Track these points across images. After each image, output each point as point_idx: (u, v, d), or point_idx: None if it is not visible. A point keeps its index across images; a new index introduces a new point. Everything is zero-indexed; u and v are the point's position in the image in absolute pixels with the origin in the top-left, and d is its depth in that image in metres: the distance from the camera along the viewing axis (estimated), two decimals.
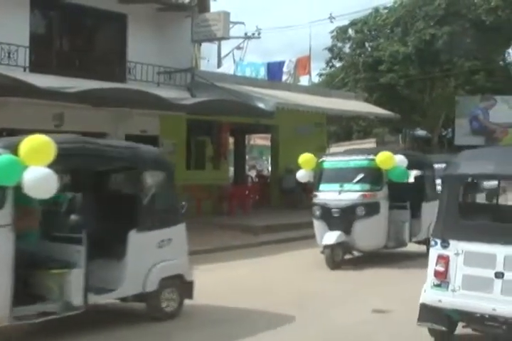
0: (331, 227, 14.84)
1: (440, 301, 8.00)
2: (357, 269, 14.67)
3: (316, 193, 15.46)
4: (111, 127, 20.00)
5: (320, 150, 26.70)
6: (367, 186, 14.95)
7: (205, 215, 21.79)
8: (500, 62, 47.52)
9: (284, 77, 32.46)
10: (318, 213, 15.20)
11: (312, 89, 31.53)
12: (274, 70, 32.71)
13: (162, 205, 10.02)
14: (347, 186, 15.00)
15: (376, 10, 43.85)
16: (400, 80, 40.75)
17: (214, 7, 25.08)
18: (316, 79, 51.87)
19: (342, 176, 15.33)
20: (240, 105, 20.81)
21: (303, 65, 33.82)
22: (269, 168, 33.88)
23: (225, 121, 24.19)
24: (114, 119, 19.85)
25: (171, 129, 21.96)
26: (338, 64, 47.97)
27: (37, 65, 18.71)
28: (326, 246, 14.63)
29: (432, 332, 8.41)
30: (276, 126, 26.73)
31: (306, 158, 16.11)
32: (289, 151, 24.14)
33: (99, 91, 16.77)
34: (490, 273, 7.67)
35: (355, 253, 15.84)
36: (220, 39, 26.33)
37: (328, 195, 15.12)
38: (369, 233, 14.80)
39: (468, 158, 8.63)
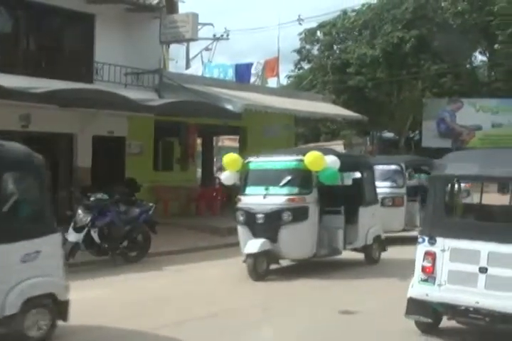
0: (256, 234, 13.55)
1: (427, 295, 8.52)
2: (283, 280, 13.43)
3: (240, 197, 14.17)
4: (78, 128, 19.90)
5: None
6: (294, 189, 13.69)
7: (172, 217, 21.75)
8: (467, 66, 47.98)
9: (252, 79, 32.47)
10: (241, 219, 13.85)
11: (280, 91, 31.60)
12: (243, 72, 32.70)
13: (29, 213, 8.67)
14: (273, 189, 13.73)
15: (344, 12, 44.09)
16: (367, 83, 41.00)
17: (182, 8, 25.09)
18: (284, 81, 52.09)
19: (268, 178, 14.07)
20: (208, 106, 20.81)
21: (271, 66, 33.85)
22: None
23: (193, 123, 24.14)
24: (81, 120, 19.74)
25: (138, 130, 21.90)
26: (306, 66, 48.27)
27: (3, 65, 18.54)
28: (248, 255, 13.29)
29: (418, 324, 8.95)
30: (244, 128, 26.75)
31: (230, 159, 14.85)
32: (257, 153, 24.15)
33: (66, 92, 16.70)
34: (474, 269, 8.17)
35: (285, 262, 14.47)
36: (188, 40, 26.26)
37: (253, 199, 13.83)
38: (296, 241, 13.54)
39: (453, 159, 9.25)
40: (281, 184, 13.75)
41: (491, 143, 39.43)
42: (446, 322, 8.90)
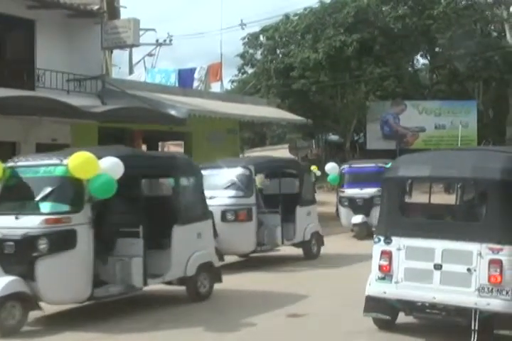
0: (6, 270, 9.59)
1: (385, 292, 8.82)
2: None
3: None
4: (21, 136, 19.60)
5: (233, 157, 26.76)
6: (56, 206, 9.83)
7: None
8: (409, 69, 48.58)
9: (196, 84, 32.39)
10: None
11: (225, 96, 31.57)
12: (185, 77, 32.59)
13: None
14: (28, 206, 10.08)
15: (287, 17, 44.23)
16: (311, 86, 41.18)
17: (124, 14, 24.93)
18: (228, 86, 52.07)
19: (23, 191, 10.41)
20: (152, 112, 20.70)
21: (214, 71, 33.79)
22: None
23: (138, 129, 23.97)
24: (24, 128, 19.45)
25: (82, 137, 21.61)
26: (250, 70, 48.31)
27: None
28: None
29: (376, 321, 9.23)
30: (189, 133, 26.63)
31: None
32: (202, 158, 24.05)
33: (7, 99, 16.42)
34: (429, 266, 8.52)
35: None
36: (130, 46, 26.07)
37: (3, 220, 9.89)
38: (59, 279, 9.65)
39: (406, 161, 9.63)
40: (37, 199, 9.95)
41: (435, 145, 39.93)
42: (402, 318, 9.17)
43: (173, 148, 45.84)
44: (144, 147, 28.31)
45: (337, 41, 39.92)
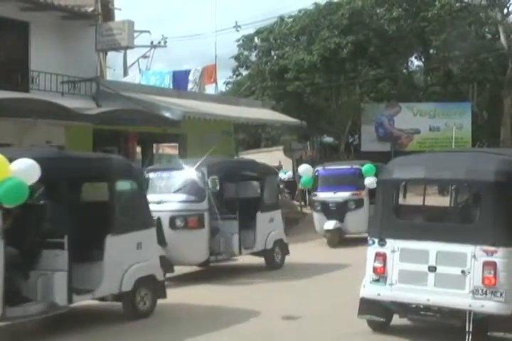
0: None
1: (379, 295, 8.88)
2: None
3: None
4: (15, 138, 19.53)
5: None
6: None
7: None
8: (404, 71, 48.59)
9: (190, 86, 32.35)
10: None
11: (220, 98, 31.55)
12: (180, 79, 32.56)
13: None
14: None
15: (281, 19, 44.18)
16: (306, 88, 41.15)
17: (119, 16, 24.91)
18: (222, 88, 51.99)
19: None
20: (146, 115, 20.70)
21: (209, 73, 33.75)
22: None
23: (132, 131, 23.95)
24: (18, 130, 19.40)
25: (76, 139, 21.58)
26: (244, 72, 48.19)
27: None
28: None
29: (370, 323, 9.29)
30: (184, 135, 26.61)
31: None
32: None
33: (1, 102, 16.40)
34: (424, 268, 8.58)
35: None
36: (124, 48, 26.05)
37: None
38: None
39: (400, 164, 9.64)
40: None
41: (429, 147, 39.90)
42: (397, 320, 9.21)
43: (168, 150, 45.85)
44: (138, 149, 28.32)
45: (332, 43, 39.89)
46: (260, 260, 15.62)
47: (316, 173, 20.90)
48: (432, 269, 8.50)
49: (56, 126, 20.32)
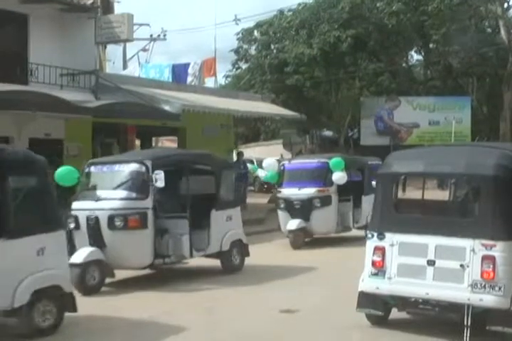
0: None
1: (378, 288, 8.87)
2: None
3: None
4: (14, 131, 19.54)
5: (227, 152, 26.78)
6: None
7: None
8: (404, 64, 48.57)
9: (189, 79, 32.35)
10: None
11: (219, 91, 31.54)
12: (180, 72, 32.57)
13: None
14: None
15: (281, 12, 44.21)
16: (305, 82, 41.15)
17: (118, 9, 24.87)
18: (222, 81, 51.99)
19: None
20: (146, 108, 20.67)
21: (208, 66, 33.75)
22: None
23: (131, 124, 23.94)
24: (17, 123, 19.39)
25: (76, 132, 21.60)
26: (244, 66, 48.22)
27: None
28: None
29: (369, 317, 9.25)
30: (183, 128, 26.61)
31: None
32: None
33: (0, 94, 16.37)
34: (422, 261, 8.57)
35: None
36: (124, 41, 26.04)
37: None
38: None
39: (399, 157, 9.62)
40: None
41: (429, 141, 39.93)
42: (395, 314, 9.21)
43: (167, 143, 45.88)
44: (137, 142, 28.32)
45: (331, 37, 39.91)
46: (217, 263, 13.98)
47: (282, 168, 18.96)
48: (431, 263, 8.50)
49: (55, 118, 20.31)
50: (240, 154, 27.61)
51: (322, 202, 17.95)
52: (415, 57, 50.74)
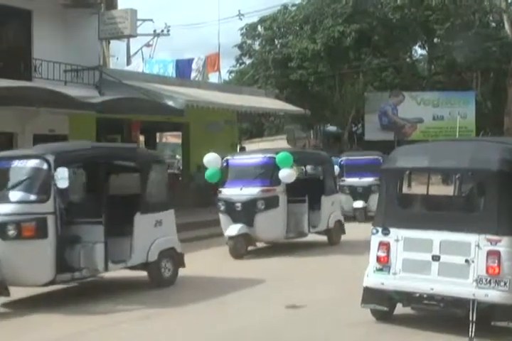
0: None
1: (382, 284, 8.84)
2: None
3: None
4: (18, 127, 19.58)
5: (231, 148, 26.75)
6: None
7: None
8: (408, 59, 48.49)
9: (193, 75, 32.33)
10: None
11: (223, 87, 31.53)
12: (183, 67, 32.56)
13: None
14: None
15: (285, 7, 44.15)
16: (309, 77, 41.12)
17: (121, 4, 24.79)
18: (226, 77, 51.97)
19: None
20: (149, 103, 20.66)
21: (212, 62, 33.73)
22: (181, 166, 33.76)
23: (135, 119, 23.96)
24: (21, 119, 19.43)
25: (80, 128, 21.60)
26: (248, 61, 48.21)
27: None
28: None
29: (374, 312, 9.20)
30: (187, 124, 26.62)
31: None
32: (200, 149, 24.09)
33: (3, 90, 16.38)
34: (427, 257, 8.55)
35: None
36: (127, 37, 26.05)
37: None
38: None
39: (404, 153, 9.60)
40: None
41: (433, 136, 39.90)
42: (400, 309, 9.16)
43: (172, 138, 45.89)
44: (141, 138, 28.33)
45: (335, 32, 39.88)
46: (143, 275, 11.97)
47: (225, 164, 16.53)
48: (436, 258, 8.48)
49: (59, 114, 20.32)
50: (242, 150, 27.60)
51: (267, 204, 15.44)
52: (419, 52, 50.76)
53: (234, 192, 15.70)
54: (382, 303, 9.00)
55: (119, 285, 11.98)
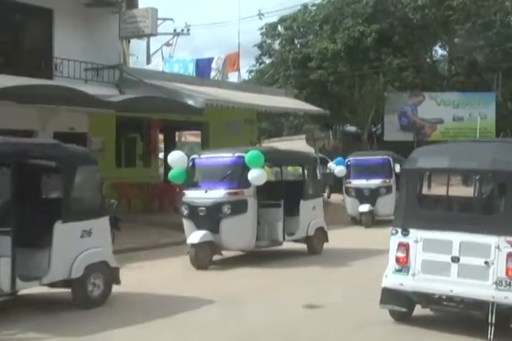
0: None
1: (401, 285, 8.81)
2: None
3: None
4: (38, 124, 19.65)
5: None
6: None
7: (136, 213, 21.58)
8: (428, 60, 48.32)
9: (213, 74, 32.36)
10: None
11: (243, 86, 31.53)
12: (203, 67, 32.60)
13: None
14: None
15: (305, 7, 44.13)
16: (329, 77, 41.04)
17: (142, 3, 24.87)
18: (245, 76, 51.99)
19: None
20: (169, 102, 20.67)
21: (232, 61, 33.74)
22: None
23: (155, 118, 24.01)
24: (42, 117, 19.51)
25: (99, 126, 21.68)
26: (267, 60, 48.23)
27: None
28: None
29: (392, 313, 9.19)
30: (206, 123, 26.64)
31: None
32: (219, 148, 24.15)
33: (24, 88, 16.42)
34: (447, 258, 8.52)
35: None
36: (148, 36, 26.07)
37: None
38: None
39: (424, 153, 9.55)
40: None
41: (453, 137, 39.73)
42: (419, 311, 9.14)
43: (191, 137, 45.94)
44: (161, 137, 28.38)
45: (355, 31, 39.81)
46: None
47: (191, 163, 14.98)
48: (455, 260, 8.45)
49: (79, 112, 20.41)
50: None
51: (234, 208, 13.90)
52: (440, 52, 50.61)
53: (198, 195, 14.24)
54: (401, 304, 8.98)
55: (37, 306, 10.12)
